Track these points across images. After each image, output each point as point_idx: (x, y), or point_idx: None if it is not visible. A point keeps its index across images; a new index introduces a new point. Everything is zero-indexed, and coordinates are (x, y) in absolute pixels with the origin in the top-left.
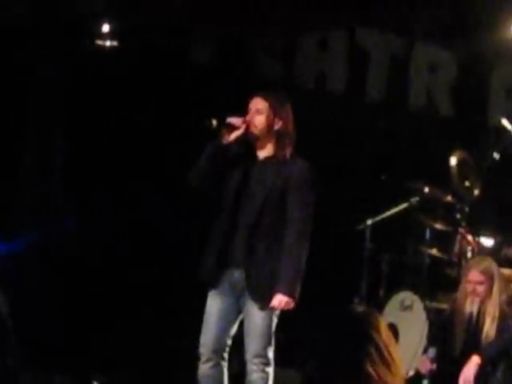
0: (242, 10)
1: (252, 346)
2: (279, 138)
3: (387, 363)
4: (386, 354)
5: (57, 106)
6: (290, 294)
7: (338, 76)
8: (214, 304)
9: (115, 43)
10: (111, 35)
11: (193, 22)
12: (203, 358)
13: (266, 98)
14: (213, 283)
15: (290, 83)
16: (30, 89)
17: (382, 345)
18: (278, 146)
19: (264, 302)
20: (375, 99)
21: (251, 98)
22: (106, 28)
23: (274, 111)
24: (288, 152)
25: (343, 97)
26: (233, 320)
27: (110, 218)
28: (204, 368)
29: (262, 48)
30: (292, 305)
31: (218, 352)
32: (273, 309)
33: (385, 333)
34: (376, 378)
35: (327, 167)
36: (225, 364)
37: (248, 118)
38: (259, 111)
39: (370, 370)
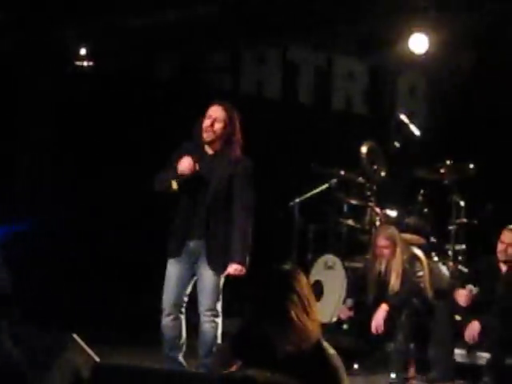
0: (195, 36)
1: (204, 301)
2: (228, 140)
3: (307, 310)
4: (306, 302)
5: (45, 118)
6: (242, 262)
7: (275, 85)
8: (173, 270)
9: (91, 63)
10: (88, 57)
11: (156, 46)
12: (165, 312)
13: (223, 108)
14: (174, 254)
15: (236, 92)
16: (21, 105)
17: (302, 295)
18: (226, 145)
19: (219, 269)
20: (305, 103)
21: (210, 106)
22: (83, 51)
23: (230, 119)
24: (234, 151)
25: (279, 101)
26: (188, 282)
27: (91, 205)
28: (166, 320)
29: (212, 64)
30: (244, 271)
31: (176, 307)
32: (228, 275)
33: (306, 286)
34: (297, 321)
35: (268, 157)
36: (183, 317)
37: (209, 122)
38: (218, 119)
39: (293, 314)
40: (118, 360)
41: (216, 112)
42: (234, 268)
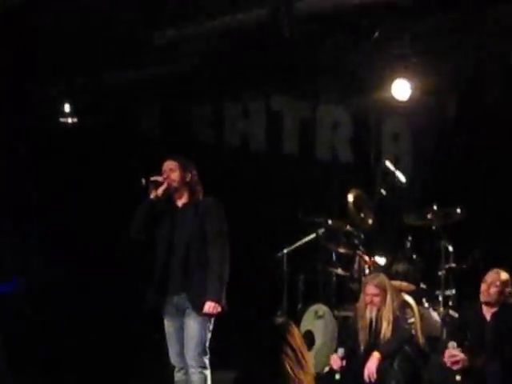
0: (177, 91)
1: (190, 352)
2: (192, 187)
3: (301, 363)
4: (299, 355)
5: (31, 173)
6: (216, 300)
7: (259, 136)
8: (169, 325)
9: (75, 120)
10: (72, 114)
11: (139, 101)
12: (176, 368)
13: (175, 159)
14: (161, 309)
15: (220, 145)
16: (7, 161)
17: (296, 348)
18: (192, 193)
19: (205, 318)
20: (290, 153)
21: (163, 162)
22: (67, 108)
23: (184, 167)
24: (200, 195)
25: (264, 152)
26: None
27: (76, 266)
28: (178, 375)
29: (196, 118)
30: (219, 309)
31: (184, 360)
32: (205, 315)
33: (298, 338)
34: (292, 375)
35: (254, 209)
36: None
37: (165, 175)
38: (172, 169)
39: (287, 367)
40: None
41: (168, 165)
42: (207, 306)
